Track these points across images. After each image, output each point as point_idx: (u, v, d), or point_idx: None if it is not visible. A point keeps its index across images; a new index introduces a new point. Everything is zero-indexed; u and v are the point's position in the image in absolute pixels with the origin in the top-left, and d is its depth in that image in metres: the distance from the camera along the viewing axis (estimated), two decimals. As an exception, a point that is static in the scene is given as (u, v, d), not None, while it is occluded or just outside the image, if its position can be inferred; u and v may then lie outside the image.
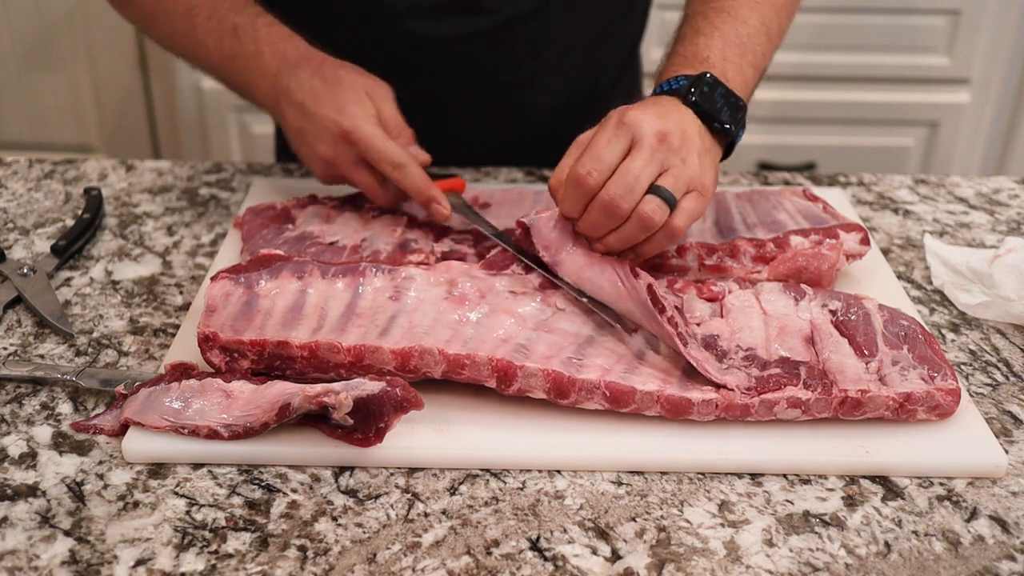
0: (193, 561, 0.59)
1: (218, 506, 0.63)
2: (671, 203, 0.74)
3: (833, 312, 0.76)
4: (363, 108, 0.85)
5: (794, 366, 0.70)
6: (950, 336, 0.81)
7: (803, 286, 0.78)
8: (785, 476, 0.66)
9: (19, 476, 0.66)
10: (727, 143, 0.82)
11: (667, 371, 0.70)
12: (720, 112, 0.79)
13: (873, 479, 0.66)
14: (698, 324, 0.75)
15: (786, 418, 0.68)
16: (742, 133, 0.82)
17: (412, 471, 0.66)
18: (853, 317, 0.75)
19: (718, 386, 0.69)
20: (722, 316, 0.76)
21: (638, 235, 0.74)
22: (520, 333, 0.72)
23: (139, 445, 0.67)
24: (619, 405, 0.68)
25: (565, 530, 0.62)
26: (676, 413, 0.68)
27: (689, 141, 0.76)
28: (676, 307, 0.76)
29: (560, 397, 0.69)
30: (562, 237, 0.77)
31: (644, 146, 0.74)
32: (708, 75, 0.80)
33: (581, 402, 0.69)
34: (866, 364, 0.70)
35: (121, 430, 0.68)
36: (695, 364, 0.69)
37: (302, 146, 0.87)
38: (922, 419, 0.69)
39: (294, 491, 0.65)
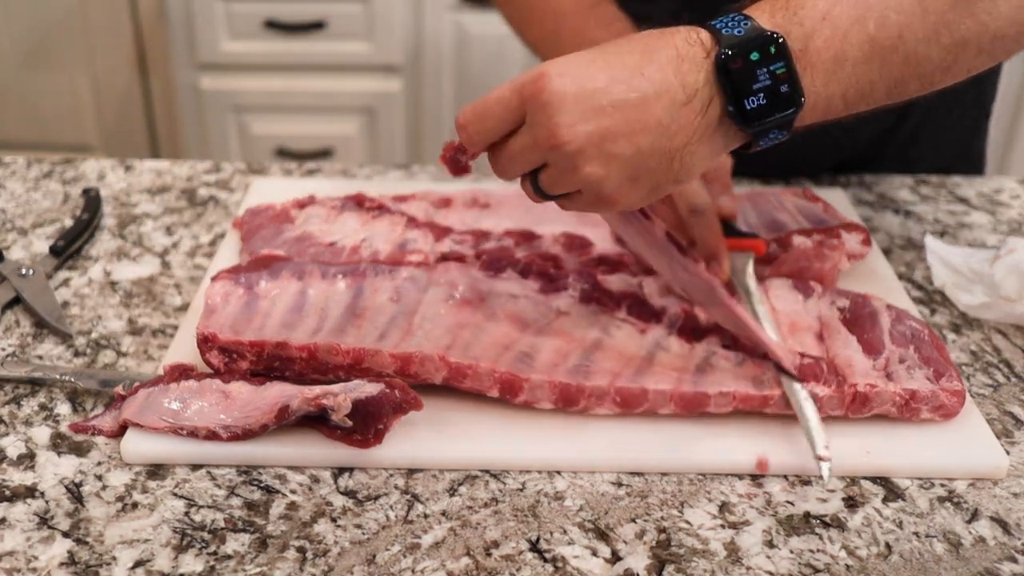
0: (192, 562, 0.59)
1: (217, 507, 0.63)
2: (544, 197, 0.63)
3: (841, 310, 0.76)
4: None
5: (815, 360, 0.70)
6: (951, 337, 0.81)
7: (812, 283, 0.78)
8: (786, 477, 0.66)
9: (17, 477, 0.65)
10: (747, 136, 0.61)
11: (680, 369, 0.70)
12: (748, 98, 0.58)
13: (874, 480, 0.66)
14: None
15: None
16: (776, 137, 0.61)
17: (411, 472, 0.66)
18: (861, 315, 0.75)
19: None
20: None
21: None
22: (522, 339, 0.72)
23: (138, 446, 0.66)
24: (631, 407, 0.68)
25: (565, 531, 0.62)
26: (691, 408, 0.68)
27: (609, 143, 0.58)
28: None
29: (569, 405, 0.69)
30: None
31: (527, 135, 0.59)
32: (777, 38, 0.58)
33: (591, 408, 0.69)
34: (873, 361, 0.70)
35: (120, 431, 0.68)
36: (731, 307, 0.69)
37: None
38: (925, 419, 0.69)
39: (293, 492, 0.64)
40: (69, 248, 0.89)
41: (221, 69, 2.17)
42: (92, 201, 0.96)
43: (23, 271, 0.85)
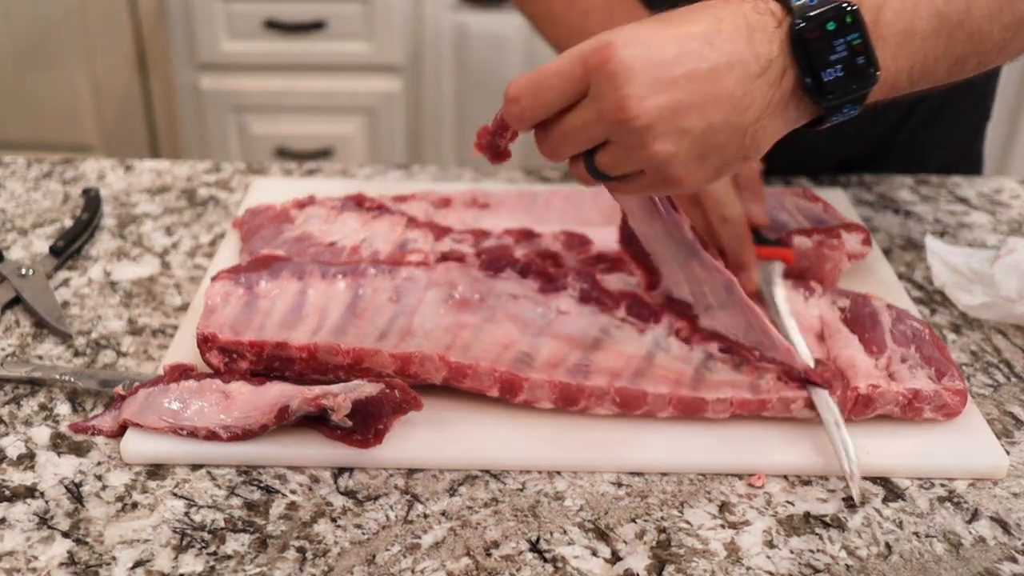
0: (192, 562, 0.59)
1: (217, 507, 0.63)
2: (600, 178, 0.59)
3: (842, 309, 0.76)
4: None
5: (817, 363, 0.70)
6: (951, 337, 0.81)
7: (812, 283, 0.79)
8: (786, 477, 0.66)
9: (17, 477, 0.65)
10: (819, 110, 0.58)
11: (679, 372, 0.70)
12: (824, 70, 0.56)
13: (874, 480, 0.66)
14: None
15: (800, 417, 0.68)
16: (849, 112, 0.59)
17: (411, 472, 0.66)
18: (861, 315, 0.75)
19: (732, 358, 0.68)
20: None
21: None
22: (522, 339, 0.72)
23: (138, 446, 0.66)
24: (630, 409, 0.68)
25: (565, 531, 0.62)
26: (689, 413, 0.68)
27: (681, 118, 0.54)
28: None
29: (569, 405, 0.69)
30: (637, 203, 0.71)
31: (589, 109, 0.55)
32: (852, 8, 0.56)
33: (591, 408, 0.69)
34: (875, 361, 0.70)
35: (120, 431, 0.68)
36: (747, 305, 0.69)
37: None
38: (927, 418, 0.69)
39: (293, 492, 0.64)
40: (69, 248, 0.89)
41: (221, 69, 2.17)
42: (92, 201, 0.96)
43: (23, 271, 0.85)
